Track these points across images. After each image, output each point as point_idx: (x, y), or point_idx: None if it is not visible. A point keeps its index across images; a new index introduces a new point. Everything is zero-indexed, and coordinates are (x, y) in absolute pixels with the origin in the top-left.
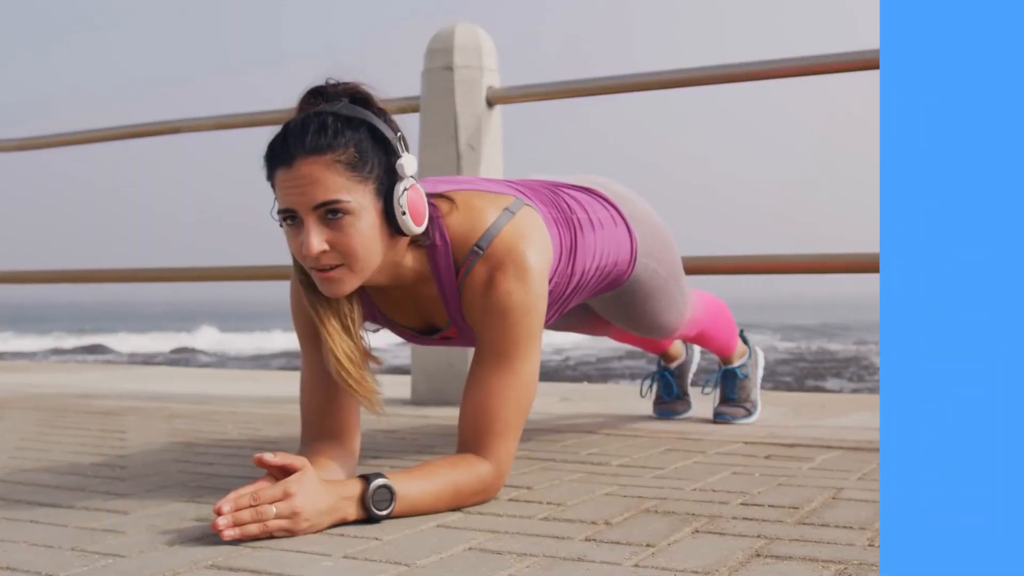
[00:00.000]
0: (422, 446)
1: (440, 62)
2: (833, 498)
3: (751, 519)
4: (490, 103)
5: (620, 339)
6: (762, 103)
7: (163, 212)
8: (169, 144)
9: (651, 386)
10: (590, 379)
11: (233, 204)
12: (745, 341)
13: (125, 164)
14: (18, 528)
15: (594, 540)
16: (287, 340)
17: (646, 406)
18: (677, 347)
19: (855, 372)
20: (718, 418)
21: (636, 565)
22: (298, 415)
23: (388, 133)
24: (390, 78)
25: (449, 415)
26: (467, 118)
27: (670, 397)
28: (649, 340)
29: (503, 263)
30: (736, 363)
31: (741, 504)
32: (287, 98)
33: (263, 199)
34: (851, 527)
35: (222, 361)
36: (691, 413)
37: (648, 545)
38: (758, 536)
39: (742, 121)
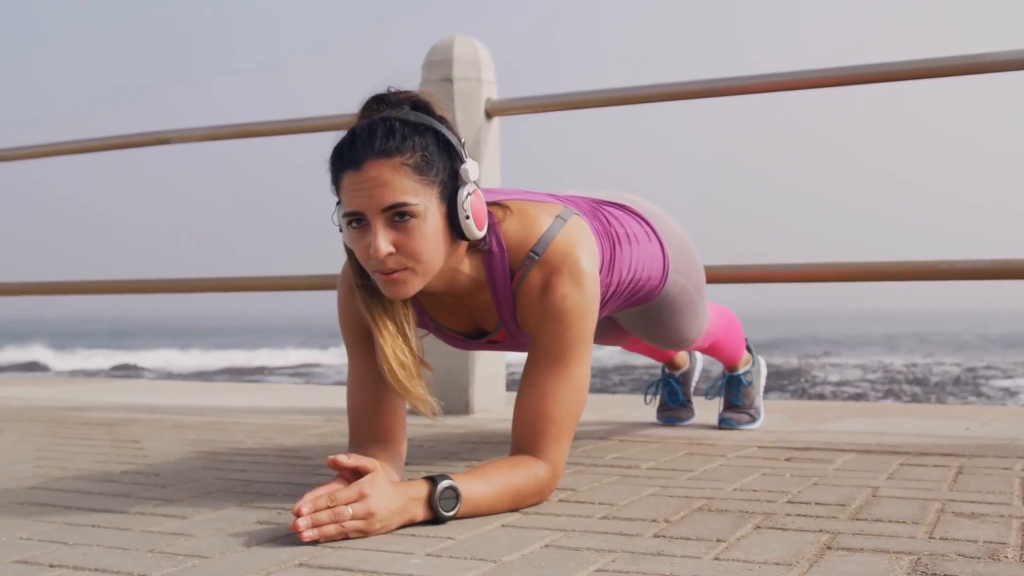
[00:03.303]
0: (445, 453)
1: (439, 74)
2: (873, 496)
3: (805, 515)
4: (489, 115)
5: (632, 348)
6: (776, 114)
7: (122, 223)
8: (141, 157)
9: (656, 394)
10: None
11: (200, 219)
12: (749, 349)
13: (92, 176)
14: (83, 532)
15: (663, 536)
16: (230, 357)
17: (645, 413)
18: (682, 355)
19: (797, 386)
20: (723, 424)
21: (716, 558)
22: (307, 424)
23: (452, 139)
24: (355, 88)
25: (454, 424)
26: (466, 129)
27: (675, 404)
28: (659, 349)
29: (559, 268)
30: (741, 370)
31: (788, 502)
32: (245, 111)
33: (219, 215)
34: (904, 522)
35: (167, 378)
36: (693, 420)
37: (718, 540)
38: (820, 531)
39: (757, 133)
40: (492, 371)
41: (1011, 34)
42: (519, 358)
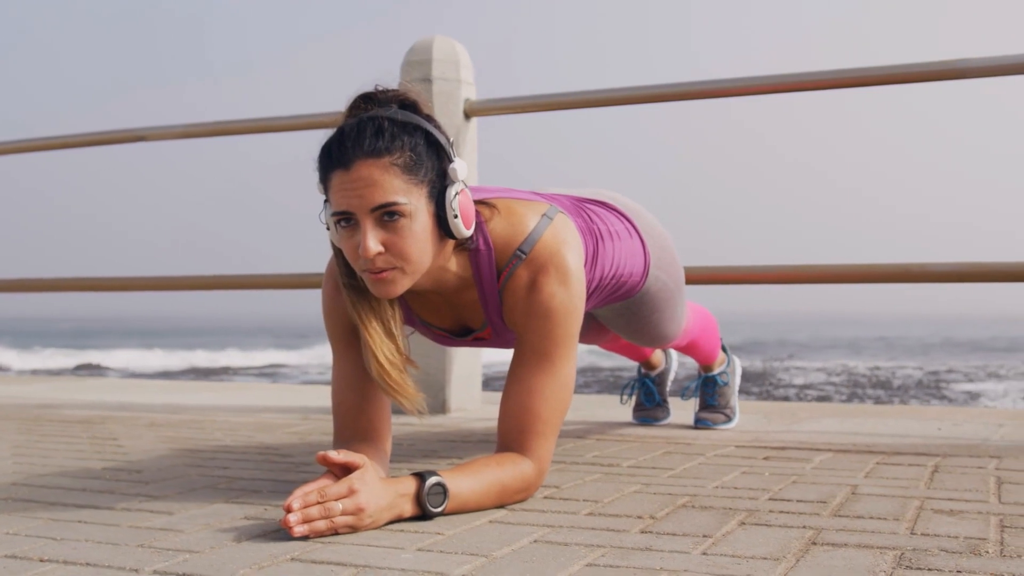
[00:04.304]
0: (425, 451)
1: (418, 74)
2: (853, 493)
3: (788, 512)
4: (467, 115)
5: (609, 347)
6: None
7: (96, 221)
8: (116, 156)
9: (631, 394)
10: None
11: (174, 218)
12: (724, 349)
13: (68, 174)
14: (70, 528)
15: (650, 532)
16: (195, 357)
17: (620, 413)
18: (658, 355)
19: (762, 389)
20: (699, 424)
21: (704, 553)
22: (284, 423)
23: (441, 138)
24: (331, 89)
25: (431, 423)
26: (445, 129)
27: (651, 404)
28: (636, 348)
29: (546, 267)
30: (716, 370)
31: (770, 499)
32: (218, 114)
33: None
34: (886, 518)
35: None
36: (669, 420)
37: (705, 536)
38: (804, 527)
39: (714, 137)
40: (468, 371)
41: (939, 45)
42: (495, 358)
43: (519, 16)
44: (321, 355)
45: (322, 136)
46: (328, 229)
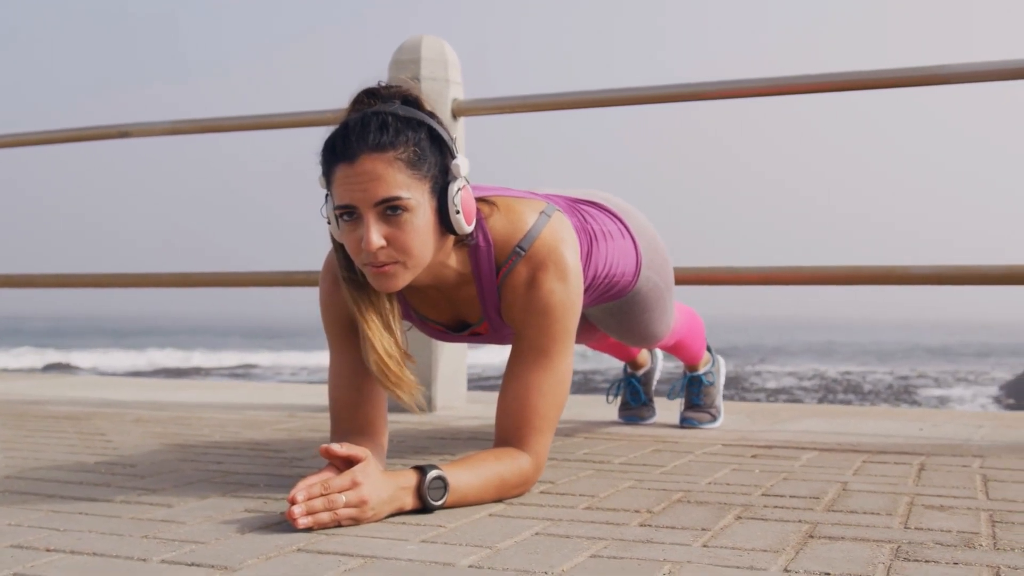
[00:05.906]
0: (416, 448)
1: (406, 73)
2: (844, 490)
3: (782, 507)
4: (455, 115)
5: (597, 347)
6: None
7: (79, 218)
8: (100, 153)
9: (617, 393)
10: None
11: (156, 216)
12: (709, 349)
13: (51, 170)
14: (72, 519)
15: (649, 526)
16: (165, 357)
17: (606, 412)
18: (644, 354)
19: (735, 392)
20: (684, 423)
21: (704, 545)
22: (271, 420)
23: (444, 134)
24: (309, 88)
25: (418, 420)
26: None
27: (637, 404)
28: (623, 348)
29: (545, 263)
30: (702, 370)
31: (763, 495)
32: (199, 111)
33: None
34: (878, 513)
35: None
36: (654, 419)
37: (703, 529)
38: (800, 521)
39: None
40: (454, 369)
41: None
42: (479, 359)
43: (492, 19)
44: (293, 357)
45: (306, 134)
46: (329, 223)
